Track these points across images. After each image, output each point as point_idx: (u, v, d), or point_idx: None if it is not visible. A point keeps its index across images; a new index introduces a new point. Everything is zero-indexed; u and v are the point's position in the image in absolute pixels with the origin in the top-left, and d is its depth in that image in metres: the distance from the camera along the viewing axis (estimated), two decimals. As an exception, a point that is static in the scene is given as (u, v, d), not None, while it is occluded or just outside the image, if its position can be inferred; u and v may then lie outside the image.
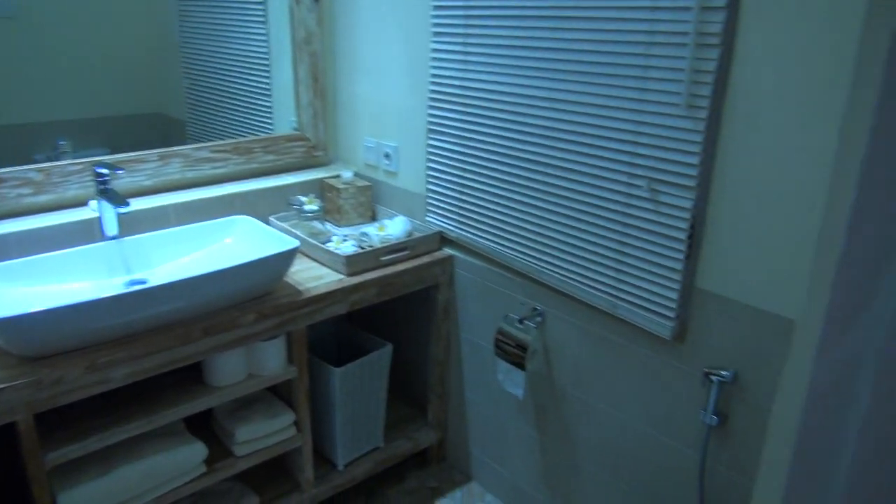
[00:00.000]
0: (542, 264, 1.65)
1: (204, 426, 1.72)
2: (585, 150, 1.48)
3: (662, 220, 1.37)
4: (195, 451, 1.56)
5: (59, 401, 1.31)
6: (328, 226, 2.06)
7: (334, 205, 2.08)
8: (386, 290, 1.82)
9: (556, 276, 1.62)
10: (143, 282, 1.61)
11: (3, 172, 1.63)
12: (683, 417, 1.46)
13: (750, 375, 1.32)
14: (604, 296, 1.52)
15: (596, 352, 1.62)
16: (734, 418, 1.37)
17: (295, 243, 1.62)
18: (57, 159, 1.75)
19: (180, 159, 1.91)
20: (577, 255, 1.56)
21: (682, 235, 1.35)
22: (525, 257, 1.69)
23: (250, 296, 1.59)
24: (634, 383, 1.55)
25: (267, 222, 1.96)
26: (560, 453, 1.79)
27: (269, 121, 2.20)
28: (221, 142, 2.01)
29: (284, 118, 2.20)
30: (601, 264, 1.51)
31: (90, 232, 1.67)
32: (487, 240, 1.79)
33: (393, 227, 1.94)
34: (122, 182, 1.78)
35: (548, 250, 1.63)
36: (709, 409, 1.38)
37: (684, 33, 1.26)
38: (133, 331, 1.41)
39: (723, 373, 1.35)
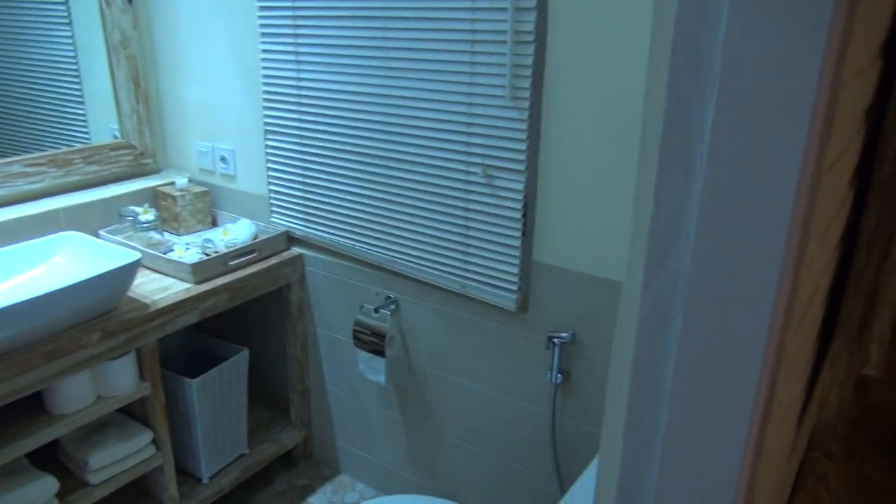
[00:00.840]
0: (392, 254, 1.73)
1: (50, 458, 1.61)
2: (423, 142, 1.57)
3: (499, 202, 1.50)
4: (45, 486, 1.46)
5: None
6: (167, 235, 1.98)
7: (171, 213, 2.01)
8: (237, 294, 1.80)
9: (406, 263, 1.71)
10: (-39, 313, 1.47)
11: None
12: (533, 380, 1.61)
13: (586, 334, 1.49)
14: (453, 278, 1.63)
15: (449, 331, 1.72)
16: (575, 374, 1.53)
17: (136, 255, 1.55)
18: None
19: (-12, 176, 1.75)
20: (425, 242, 1.65)
21: (518, 215, 1.48)
22: (374, 249, 1.76)
23: (92, 314, 1.50)
24: (487, 355, 1.67)
25: (98, 237, 1.85)
26: (424, 431, 1.88)
27: (83, 130, 2.06)
28: (34, 154, 1.86)
29: (102, 126, 2.07)
30: (448, 248, 1.61)
31: None
32: (335, 235, 1.83)
33: (237, 231, 1.91)
34: (-80, 206, 1.59)
35: (396, 240, 1.70)
36: (554, 369, 1.54)
37: (502, 31, 1.39)
38: (-40, 366, 1.29)
39: (562, 335, 1.51)
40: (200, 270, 1.73)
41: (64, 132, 2.03)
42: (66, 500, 1.52)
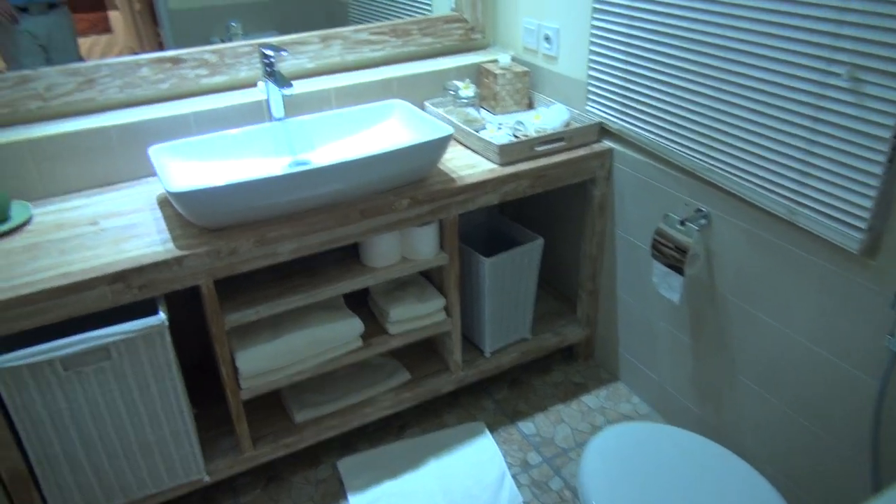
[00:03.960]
0: (712, 161, 1.51)
1: (361, 304, 1.83)
2: (772, 30, 1.28)
3: (863, 114, 1.18)
4: (353, 326, 1.67)
5: (234, 269, 1.43)
6: (483, 112, 2.01)
7: (490, 91, 2.02)
8: (539, 181, 1.76)
9: (728, 175, 1.48)
10: (305, 163, 1.68)
11: (183, 53, 1.73)
12: (864, 340, 1.31)
13: (954, 299, 1.15)
14: (781, 199, 1.37)
15: (766, 260, 1.48)
16: (926, 345, 1.21)
17: (449, 130, 1.59)
18: (229, 41, 1.83)
19: (340, 42, 1.93)
20: (754, 153, 1.40)
21: (887, 134, 1.15)
22: (693, 153, 1.55)
23: (405, 181, 1.61)
24: (808, 298, 1.41)
25: (422, 107, 1.95)
26: (714, 362, 1.70)
27: (427, 1, 2.14)
28: (380, 23, 1.99)
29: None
30: (781, 164, 1.35)
31: (259, 113, 1.76)
32: (652, 132, 1.66)
33: (549, 117, 1.85)
34: (286, 64, 1.83)
35: (719, 146, 1.47)
36: (896, 334, 1.23)
37: None
38: (297, 209, 1.49)
39: (919, 294, 1.18)
40: (507, 152, 1.72)
41: (409, 3, 2.14)
42: (368, 342, 1.73)
